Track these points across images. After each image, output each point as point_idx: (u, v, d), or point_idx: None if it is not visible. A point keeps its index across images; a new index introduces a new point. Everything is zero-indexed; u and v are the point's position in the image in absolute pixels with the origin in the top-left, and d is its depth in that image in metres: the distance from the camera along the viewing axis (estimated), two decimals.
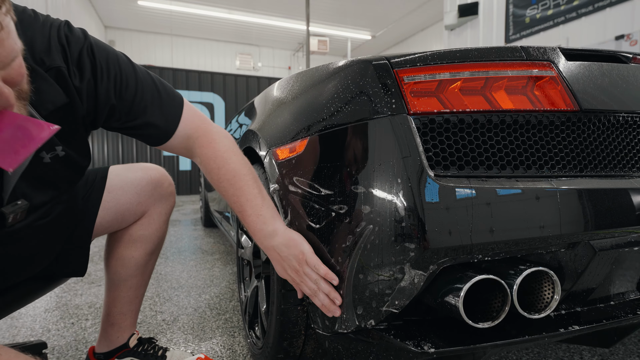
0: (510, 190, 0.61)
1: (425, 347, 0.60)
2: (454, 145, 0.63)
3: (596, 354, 1.10)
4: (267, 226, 0.71)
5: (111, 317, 0.96)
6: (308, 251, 0.68)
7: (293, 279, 0.71)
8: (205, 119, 0.80)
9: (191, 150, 0.78)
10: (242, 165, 0.75)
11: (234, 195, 0.74)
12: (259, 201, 0.73)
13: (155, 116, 0.72)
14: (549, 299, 0.62)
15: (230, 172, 0.73)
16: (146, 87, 0.71)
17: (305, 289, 0.69)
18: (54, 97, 0.60)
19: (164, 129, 0.74)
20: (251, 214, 0.72)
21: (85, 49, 0.63)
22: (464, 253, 0.59)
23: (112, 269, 0.95)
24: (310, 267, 0.68)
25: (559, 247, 0.64)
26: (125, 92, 0.68)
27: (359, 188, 0.64)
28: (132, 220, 0.94)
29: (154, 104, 0.72)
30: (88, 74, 0.63)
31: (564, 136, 0.67)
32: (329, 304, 0.67)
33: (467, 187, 0.60)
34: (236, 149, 0.77)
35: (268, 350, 0.89)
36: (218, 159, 0.75)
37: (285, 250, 0.70)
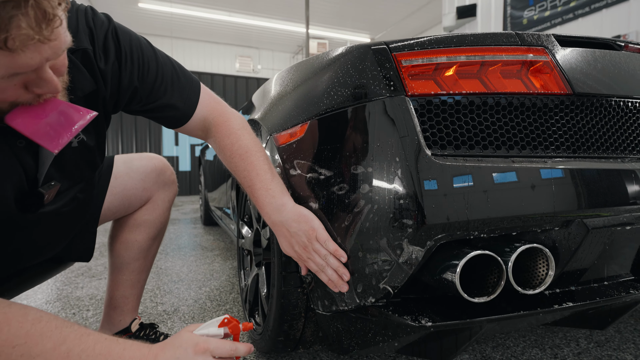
0: (505, 169, 0.63)
1: (423, 321, 0.62)
2: (451, 125, 0.65)
3: (592, 341, 1.12)
4: (276, 200, 0.71)
5: (114, 300, 0.98)
6: (319, 227, 0.69)
7: (300, 255, 0.71)
8: (221, 101, 0.83)
9: (207, 131, 0.81)
10: (254, 143, 0.77)
11: (244, 170, 0.75)
12: (268, 176, 0.74)
13: (174, 98, 0.75)
14: (544, 275, 0.64)
15: (242, 148, 0.75)
16: (166, 71, 0.74)
17: (312, 265, 0.70)
18: (84, 85, 0.63)
19: (182, 111, 0.77)
20: (260, 187, 0.73)
21: (110, 32, 0.66)
22: (460, 229, 0.61)
23: (115, 252, 0.97)
24: (319, 243, 0.68)
25: (552, 225, 0.66)
26: (147, 75, 0.71)
27: (359, 168, 0.66)
28: (138, 206, 0.97)
29: (173, 86, 0.74)
30: (112, 56, 0.66)
31: (557, 119, 0.69)
32: (337, 280, 0.67)
33: (463, 166, 0.61)
34: (249, 129, 0.80)
35: (268, 334, 0.90)
36: (232, 135, 0.77)
37: (294, 226, 0.70)
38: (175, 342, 0.60)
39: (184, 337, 0.60)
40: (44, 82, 0.48)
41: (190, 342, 0.59)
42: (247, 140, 0.77)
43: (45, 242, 0.75)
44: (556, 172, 0.64)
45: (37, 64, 0.44)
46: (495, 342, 1.11)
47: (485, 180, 0.62)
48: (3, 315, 0.50)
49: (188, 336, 0.60)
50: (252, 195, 0.75)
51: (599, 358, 1.02)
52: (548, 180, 0.64)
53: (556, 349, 1.07)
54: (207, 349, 0.59)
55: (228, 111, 0.81)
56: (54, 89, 0.49)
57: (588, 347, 1.08)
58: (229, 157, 0.77)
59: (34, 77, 0.47)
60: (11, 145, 0.56)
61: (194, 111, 0.78)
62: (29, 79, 0.47)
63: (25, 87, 0.48)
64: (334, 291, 0.70)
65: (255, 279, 1.11)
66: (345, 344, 0.76)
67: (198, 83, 0.80)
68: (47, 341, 0.52)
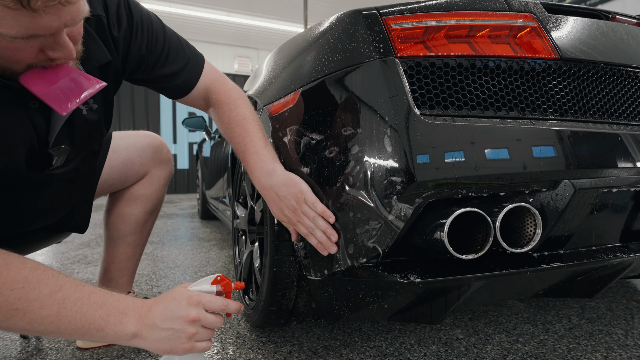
0: (493, 129, 0.64)
1: (412, 278, 0.63)
2: (439, 87, 0.66)
3: (584, 317, 1.13)
4: (267, 164, 0.73)
5: (109, 272, 0.99)
6: (306, 190, 0.70)
7: (289, 219, 0.73)
8: (223, 75, 0.86)
9: (208, 100, 0.84)
10: (251, 113, 0.80)
11: (240, 135, 0.77)
12: (261, 143, 0.76)
13: (179, 68, 0.79)
14: (532, 234, 0.65)
15: (240, 115, 0.78)
16: (172, 42, 0.78)
17: (302, 228, 0.71)
18: (98, 55, 0.66)
19: (186, 81, 0.80)
20: (252, 152, 0.75)
21: (123, 2, 0.70)
22: (448, 187, 0.62)
23: (112, 225, 0.99)
24: (308, 205, 0.69)
25: (540, 185, 0.67)
26: (155, 45, 0.75)
27: (349, 129, 0.67)
28: (134, 180, 0.99)
29: (178, 57, 0.78)
30: (125, 24, 0.69)
31: (545, 82, 0.70)
32: (326, 241, 0.69)
33: (451, 125, 0.62)
34: (247, 101, 0.82)
35: (261, 304, 0.91)
36: (231, 103, 0.80)
37: (283, 190, 0.71)
38: (169, 295, 0.61)
39: (177, 291, 0.61)
40: (59, 46, 0.50)
41: (183, 295, 0.60)
42: (244, 109, 0.80)
43: (49, 206, 0.76)
44: (544, 133, 0.65)
45: (55, 28, 0.46)
46: (487, 318, 1.12)
47: (473, 140, 0.63)
48: (3, 261, 0.52)
49: (181, 290, 0.61)
50: (244, 160, 0.77)
51: (590, 332, 1.03)
52: (536, 140, 0.65)
53: (548, 324, 1.08)
54: (199, 302, 0.59)
55: (229, 83, 0.85)
56: (68, 54, 0.51)
57: (580, 323, 1.09)
58: (226, 124, 0.79)
59: (51, 41, 0.49)
60: (25, 106, 0.58)
61: (197, 81, 0.81)
62: (46, 42, 0.49)
63: (41, 51, 0.50)
64: (324, 255, 0.71)
65: (249, 256, 1.11)
66: (336, 308, 0.77)
67: (202, 56, 0.84)
68: (44, 287, 0.53)
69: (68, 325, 0.54)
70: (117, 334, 0.57)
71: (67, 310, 0.54)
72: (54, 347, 0.98)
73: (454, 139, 0.62)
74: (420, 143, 0.62)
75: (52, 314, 0.53)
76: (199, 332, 0.59)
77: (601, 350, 0.92)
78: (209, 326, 0.61)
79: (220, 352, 0.93)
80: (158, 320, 0.58)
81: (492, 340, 0.98)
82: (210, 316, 0.60)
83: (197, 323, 0.59)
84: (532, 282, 0.78)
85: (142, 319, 0.58)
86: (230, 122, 0.78)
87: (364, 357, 0.89)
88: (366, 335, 1.00)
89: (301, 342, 0.98)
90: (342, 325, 1.07)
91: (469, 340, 0.98)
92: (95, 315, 0.55)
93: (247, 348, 0.95)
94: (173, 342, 0.58)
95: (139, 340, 0.58)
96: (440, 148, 0.62)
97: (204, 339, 0.61)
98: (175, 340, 0.58)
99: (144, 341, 0.58)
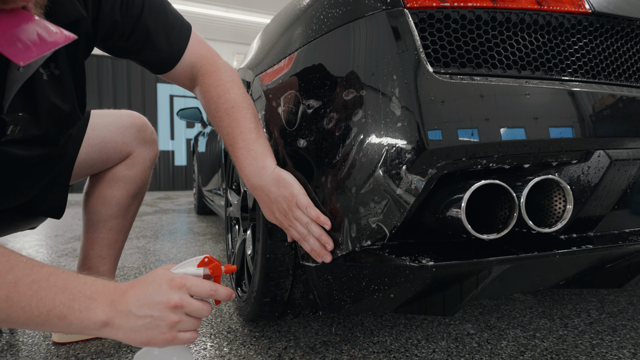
0: (517, 90, 0.55)
1: (424, 261, 0.54)
2: (455, 42, 0.57)
3: (604, 312, 1.04)
4: (257, 162, 0.65)
5: (88, 260, 0.90)
6: (299, 192, 0.62)
7: (281, 223, 0.65)
8: (212, 50, 0.75)
9: (194, 80, 0.74)
10: (242, 99, 0.70)
11: (228, 126, 0.68)
12: (252, 136, 0.67)
13: (160, 37, 0.69)
14: (561, 211, 0.56)
15: (229, 102, 0.68)
16: (153, 6, 0.68)
17: (294, 233, 0.63)
18: (68, 10, 0.57)
19: (168, 53, 0.70)
20: (242, 147, 0.66)
21: None
22: (465, 155, 0.54)
23: (91, 208, 0.90)
24: (301, 210, 0.61)
25: (569, 156, 0.58)
26: (132, 8, 0.65)
27: (350, 93, 0.58)
28: (117, 161, 0.91)
29: (159, 24, 0.69)
30: None
31: (574, 40, 0.62)
32: (320, 249, 0.61)
33: (469, 84, 0.54)
34: (239, 83, 0.72)
35: (253, 295, 0.82)
36: (220, 87, 0.70)
37: (274, 191, 0.63)
38: (148, 278, 0.52)
39: (157, 273, 0.52)
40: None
41: (164, 277, 0.51)
42: (235, 94, 0.70)
43: (11, 186, 0.66)
44: (574, 96, 0.57)
45: None
46: (499, 312, 1.04)
47: (494, 102, 0.54)
48: None
49: (162, 272, 0.52)
50: (233, 154, 0.68)
51: (614, 328, 0.94)
52: (565, 104, 0.56)
53: (566, 319, 1.00)
54: (183, 285, 0.50)
55: (219, 61, 0.74)
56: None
57: (600, 317, 1.01)
58: (214, 111, 0.70)
59: None
60: None
61: (181, 55, 0.71)
62: None
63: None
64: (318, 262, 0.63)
65: (242, 245, 1.03)
66: (336, 299, 0.68)
67: (189, 26, 0.74)
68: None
69: (22, 313, 0.45)
70: (83, 323, 0.47)
71: (19, 294, 0.45)
72: (28, 341, 0.90)
73: (472, 101, 0.54)
74: (434, 105, 0.53)
75: (1, 299, 0.44)
76: (182, 320, 0.50)
77: (628, 347, 0.84)
78: (193, 314, 0.51)
79: (210, 348, 0.85)
80: (133, 306, 0.48)
81: (507, 335, 0.90)
82: (196, 302, 0.51)
83: (180, 310, 0.50)
84: (554, 270, 0.70)
85: (114, 304, 0.49)
86: (219, 110, 0.69)
87: (367, 354, 0.80)
88: (369, 330, 0.92)
89: (298, 337, 0.89)
90: (343, 320, 0.99)
91: (482, 335, 0.90)
92: (56, 301, 0.46)
93: (238, 343, 0.86)
94: (151, 331, 0.49)
95: (110, 330, 0.49)
96: (457, 111, 0.53)
97: (189, 328, 0.51)
98: (154, 330, 0.49)
99: (117, 331, 0.49)
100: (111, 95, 6.64)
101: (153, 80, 7.00)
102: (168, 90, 7.07)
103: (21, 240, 2.20)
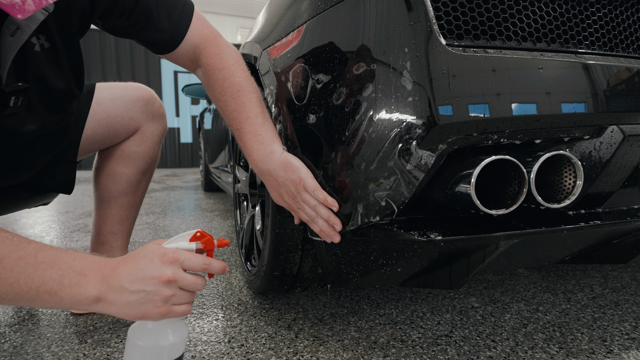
0: (531, 63, 0.54)
1: (432, 235, 0.55)
2: (469, 12, 0.56)
3: (607, 287, 1.06)
4: (264, 147, 0.65)
5: (101, 235, 0.92)
6: (306, 176, 0.62)
7: (290, 206, 0.66)
8: (214, 30, 0.74)
9: (197, 61, 0.73)
10: (247, 82, 0.69)
11: (234, 110, 0.67)
12: (259, 120, 0.66)
13: (162, 17, 0.67)
14: (570, 187, 0.56)
15: (234, 86, 0.67)
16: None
17: (303, 216, 0.64)
18: None
19: (170, 34, 0.69)
20: (249, 132, 0.66)
21: None
22: (476, 130, 0.53)
23: (102, 184, 0.91)
24: (308, 193, 0.62)
25: (582, 132, 0.58)
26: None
27: (360, 67, 0.57)
28: (124, 136, 0.91)
29: (160, 3, 0.67)
30: None
31: (593, 10, 0.59)
32: (328, 230, 0.62)
33: (483, 57, 0.53)
34: (243, 65, 0.72)
35: (263, 269, 0.84)
36: (224, 70, 0.69)
37: (282, 175, 0.64)
38: (140, 253, 0.52)
39: (149, 248, 0.52)
40: None
41: (156, 252, 0.51)
42: (240, 77, 0.69)
43: (11, 162, 0.67)
44: (590, 69, 0.56)
45: None
46: (503, 287, 1.06)
47: (508, 75, 0.53)
48: None
49: (154, 247, 0.52)
50: (240, 140, 0.68)
51: (616, 302, 0.96)
52: (581, 78, 0.55)
53: (569, 293, 1.01)
54: (176, 260, 0.51)
55: (222, 42, 0.72)
56: None
57: (603, 292, 1.02)
58: (219, 94, 0.69)
59: None
60: None
61: (183, 36, 0.70)
62: None
63: None
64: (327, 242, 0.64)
65: (251, 221, 1.05)
66: (344, 272, 0.70)
67: (191, 5, 0.72)
68: None
69: (10, 289, 0.45)
70: (74, 298, 0.47)
71: (6, 271, 0.45)
72: (47, 311, 0.94)
73: (485, 75, 0.53)
74: (446, 79, 0.52)
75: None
76: (176, 294, 0.50)
77: (629, 320, 0.86)
78: (187, 288, 0.52)
79: (222, 319, 0.88)
80: (126, 281, 0.49)
81: (510, 309, 0.92)
82: (189, 277, 0.52)
83: (174, 284, 0.50)
84: (560, 246, 0.70)
85: (105, 280, 0.49)
86: (224, 93, 0.68)
87: (374, 325, 0.83)
88: (375, 303, 0.95)
89: (306, 309, 0.92)
90: (350, 293, 1.01)
91: (485, 308, 0.92)
92: (45, 277, 0.46)
93: (249, 315, 0.89)
94: (145, 306, 0.49)
95: (103, 305, 0.49)
96: (470, 85, 0.52)
97: (183, 302, 0.52)
98: (147, 304, 0.49)
99: (110, 306, 0.49)
100: (115, 72, 6.58)
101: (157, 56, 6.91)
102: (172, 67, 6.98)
103: (34, 216, 2.25)
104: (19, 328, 0.85)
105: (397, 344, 0.75)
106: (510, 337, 0.78)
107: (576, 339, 0.78)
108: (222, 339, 0.78)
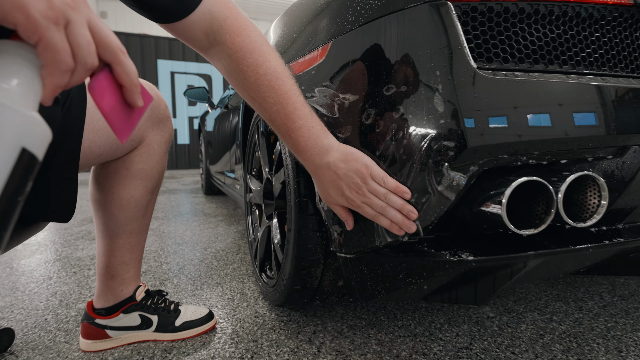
0: (558, 86, 0.55)
1: (464, 256, 0.56)
2: (498, 36, 0.57)
3: (616, 295, 1.08)
4: (321, 140, 0.59)
5: (111, 268, 0.82)
6: (371, 163, 0.57)
7: (352, 201, 0.59)
8: (235, 5, 0.59)
9: (214, 36, 0.56)
10: (283, 67, 0.59)
11: (276, 102, 0.57)
12: (307, 111, 0.59)
13: None
14: (595, 206, 0.57)
15: (271, 73, 0.57)
16: None
17: (368, 210, 0.58)
18: None
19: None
20: (302, 126, 0.58)
21: None
22: (507, 152, 0.54)
23: (106, 212, 0.79)
24: (376, 182, 0.57)
25: (606, 152, 0.59)
26: None
27: (391, 88, 0.58)
28: (128, 148, 0.77)
29: None
30: None
31: (615, 33, 0.61)
32: (402, 220, 0.57)
33: (513, 80, 0.54)
34: (274, 48, 0.60)
35: (283, 283, 0.85)
36: (255, 52, 0.56)
37: (343, 167, 0.58)
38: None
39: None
40: None
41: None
42: (275, 61, 0.58)
43: None
44: (614, 90, 0.57)
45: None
46: (515, 295, 1.07)
47: (536, 98, 0.54)
48: None
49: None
50: (289, 136, 0.59)
51: (626, 310, 0.98)
52: (605, 99, 0.56)
53: (580, 302, 1.03)
54: None
55: (245, 18, 0.59)
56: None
57: (612, 300, 1.04)
58: (253, 84, 0.57)
59: None
60: None
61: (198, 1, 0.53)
62: None
63: None
64: (363, 232, 0.64)
65: (266, 232, 1.05)
66: (370, 288, 0.70)
67: None
68: None
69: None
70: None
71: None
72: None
73: (515, 97, 0.54)
74: (478, 102, 0.53)
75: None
76: None
77: None
78: None
79: (242, 333, 0.88)
80: None
81: (525, 319, 0.93)
82: None
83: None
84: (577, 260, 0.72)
85: None
86: (260, 83, 0.57)
87: (394, 338, 0.84)
88: (392, 314, 0.95)
89: (324, 321, 0.92)
90: (366, 304, 1.02)
91: (501, 319, 0.93)
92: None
93: (268, 328, 0.90)
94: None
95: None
96: (500, 108, 0.53)
97: None
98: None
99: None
100: None
101: (153, 56, 6.86)
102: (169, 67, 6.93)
103: None
104: None
105: (419, 357, 0.76)
106: (529, 349, 0.79)
107: (593, 350, 0.79)
108: (244, 354, 0.79)
